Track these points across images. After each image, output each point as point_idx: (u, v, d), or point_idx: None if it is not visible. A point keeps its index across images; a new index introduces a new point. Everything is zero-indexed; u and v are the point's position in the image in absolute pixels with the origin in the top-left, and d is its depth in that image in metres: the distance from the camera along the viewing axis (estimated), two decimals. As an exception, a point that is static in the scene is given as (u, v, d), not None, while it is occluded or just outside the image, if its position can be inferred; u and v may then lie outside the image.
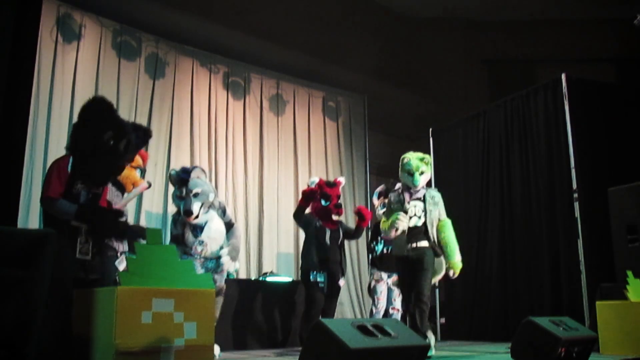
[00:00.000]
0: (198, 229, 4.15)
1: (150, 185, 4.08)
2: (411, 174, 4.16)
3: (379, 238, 5.15)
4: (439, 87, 8.16)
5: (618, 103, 5.71)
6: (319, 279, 4.70)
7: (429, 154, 7.20)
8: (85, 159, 2.94)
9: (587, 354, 3.32)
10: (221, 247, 4.22)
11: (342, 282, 4.89)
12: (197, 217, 4.10)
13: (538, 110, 5.87)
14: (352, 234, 5.10)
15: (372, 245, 5.28)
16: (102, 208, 3.26)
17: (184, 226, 4.17)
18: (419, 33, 8.24)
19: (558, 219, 5.49)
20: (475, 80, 8.48)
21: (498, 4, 7.90)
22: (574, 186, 5.27)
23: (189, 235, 4.13)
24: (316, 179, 5.01)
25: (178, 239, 4.16)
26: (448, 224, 4.20)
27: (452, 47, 8.27)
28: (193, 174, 4.21)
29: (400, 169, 4.25)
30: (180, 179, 4.20)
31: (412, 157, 4.21)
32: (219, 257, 4.17)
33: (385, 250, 5.06)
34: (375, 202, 5.44)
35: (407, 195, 4.23)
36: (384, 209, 5.10)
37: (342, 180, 5.08)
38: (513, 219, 6.01)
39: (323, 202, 4.86)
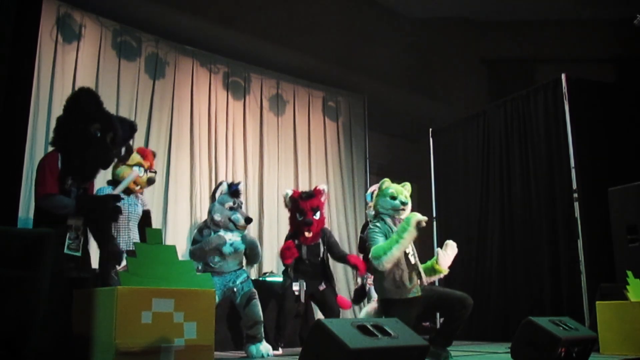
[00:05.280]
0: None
1: (152, 182, 4.18)
2: (394, 197, 3.69)
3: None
4: (439, 87, 8.16)
5: (618, 103, 5.72)
6: (294, 288, 4.69)
7: (429, 154, 7.27)
8: (73, 153, 2.91)
9: (587, 354, 3.32)
10: (239, 262, 4.35)
11: (321, 286, 4.80)
12: None
13: (538, 110, 5.87)
14: (336, 258, 4.93)
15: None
16: (99, 196, 3.26)
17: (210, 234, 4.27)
18: (419, 33, 8.24)
19: (558, 219, 5.49)
20: (475, 80, 8.48)
21: (498, 4, 7.90)
22: (574, 186, 5.27)
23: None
24: (290, 192, 4.87)
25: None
26: None
27: (452, 47, 8.27)
28: (241, 188, 4.47)
29: (377, 197, 3.77)
30: (235, 191, 4.36)
31: (392, 184, 3.78)
32: (236, 270, 4.30)
33: None
34: (370, 202, 5.37)
35: (393, 225, 3.66)
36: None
37: (323, 188, 4.90)
38: (513, 219, 6.01)
39: (298, 216, 4.72)
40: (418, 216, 3.50)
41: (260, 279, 5.83)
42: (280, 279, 5.64)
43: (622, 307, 4.01)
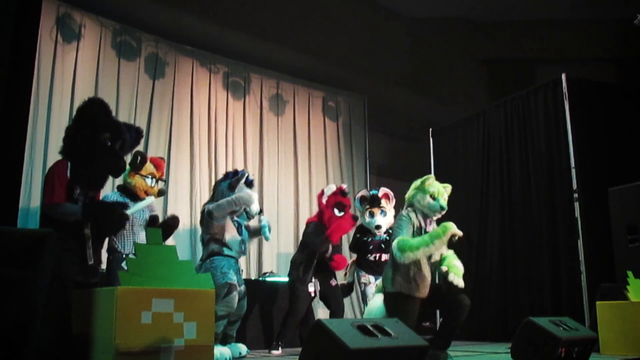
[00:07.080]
0: (241, 228, 4.39)
1: (162, 193, 4.24)
2: (434, 198, 3.60)
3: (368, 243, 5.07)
4: (439, 87, 8.16)
5: (618, 103, 5.71)
6: (310, 289, 4.70)
7: (429, 154, 7.26)
8: (83, 162, 2.93)
9: (587, 354, 3.32)
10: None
11: (333, 282, 4.90)
12: None
13: (538, 110, 5.87)
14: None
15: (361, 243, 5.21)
16: (107, 202, 3.27)
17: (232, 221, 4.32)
18: (419, 33, 8.23)
19: (558, 219, 5.49)
20: (475, 80, 8.48)
21: (498, 4, 7.90)
22: (574, 186, 5.27)
23: (236, 234, 4.28)
24: (334, 187, 4.92)
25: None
26: None
27: (452, 47, 8.26)
28: None
29: (416, 190, 3.67)
30: (251, 183, 4.52)
31: (435, 182, 3.69)
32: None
33: (376, 257, 5.01)
34: (360, 207, 5.37)
35: (423, 222, 3.64)
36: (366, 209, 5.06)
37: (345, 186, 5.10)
38: (513, 219, 6.00)
39: (337, 212, 4.69)
40: (455, 228, 3.40)
41: (260, 279, 5.84)
42: (280, 279, 5.65)
43: (622, 307, 4.01)
